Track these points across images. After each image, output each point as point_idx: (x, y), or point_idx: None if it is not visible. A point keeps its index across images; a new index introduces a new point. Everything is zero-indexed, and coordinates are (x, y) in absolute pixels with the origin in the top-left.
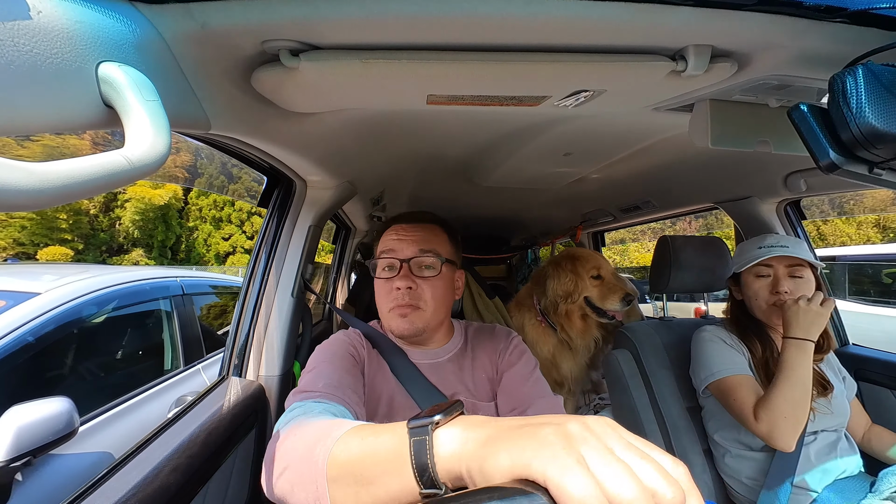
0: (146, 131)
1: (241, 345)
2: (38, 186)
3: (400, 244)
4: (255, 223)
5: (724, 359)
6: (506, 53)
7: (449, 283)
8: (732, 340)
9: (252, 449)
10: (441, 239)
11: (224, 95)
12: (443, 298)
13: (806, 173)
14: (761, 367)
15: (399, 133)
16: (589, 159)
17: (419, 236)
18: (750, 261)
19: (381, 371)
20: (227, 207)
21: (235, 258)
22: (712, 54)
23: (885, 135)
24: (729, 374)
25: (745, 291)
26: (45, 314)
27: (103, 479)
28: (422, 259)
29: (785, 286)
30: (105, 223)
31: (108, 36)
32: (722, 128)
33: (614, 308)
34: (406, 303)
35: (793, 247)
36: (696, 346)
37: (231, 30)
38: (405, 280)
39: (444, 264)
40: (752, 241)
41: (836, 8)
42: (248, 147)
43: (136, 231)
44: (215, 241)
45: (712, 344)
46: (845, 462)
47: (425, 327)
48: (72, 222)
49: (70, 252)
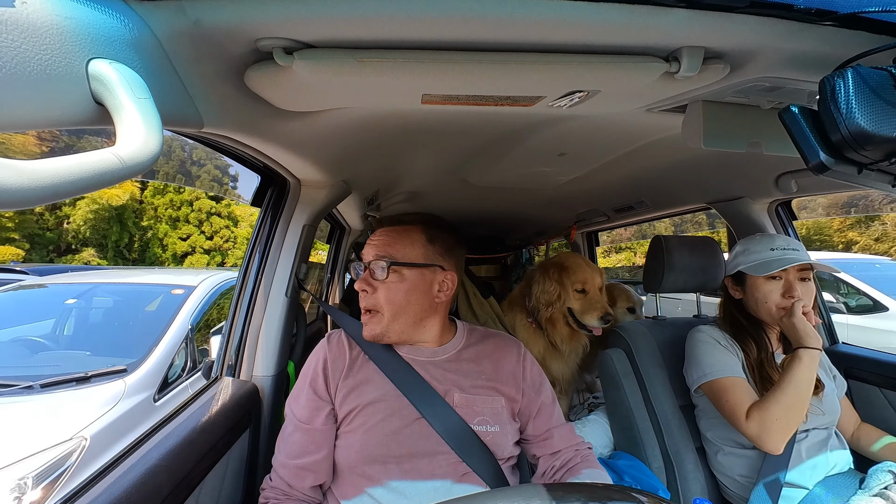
0: (138, 129)
1: (235, 345)
2: (27, 185)
3: (367, 248)
4: (214, 223)
5: (717, 360)
6: (501, 54)
7: (413, 285)
8: (726, 341)
9: (246, 450)
10: (410, 240)
11: (217, 94)
12: (403, 302)
13: (797, 174)
14: (755, 369)
15: (393, 133)
16: (583, 160)
17: (382, 241)
18: (766, 266)
19: (367, 369)
20: (185, 207)
21: (194, 259)
22: (705, 56)
23: (874, 136)
24: (721, 376)
25: (752, 293)
26: (204, 295)
27: (95, 480)
28: (376, 262)
29: (798, 291)
30: (51, 222)
31: (98, 32)
32: (714, 129)
33: (592, 324)
34: (365, 306)
35: (801, 250)
36: (690, 345)
37: (224, 28)
38: (361, 283)
39: (391, 267)
40: (757, 241)
41: (826, 11)
42: (242, 146)
43: (88, 230)
44: (172, 241)
45: (706, 345)
46: (835, 458)
47: (384, 331)
48: (17, 221)
49: (20, 252)
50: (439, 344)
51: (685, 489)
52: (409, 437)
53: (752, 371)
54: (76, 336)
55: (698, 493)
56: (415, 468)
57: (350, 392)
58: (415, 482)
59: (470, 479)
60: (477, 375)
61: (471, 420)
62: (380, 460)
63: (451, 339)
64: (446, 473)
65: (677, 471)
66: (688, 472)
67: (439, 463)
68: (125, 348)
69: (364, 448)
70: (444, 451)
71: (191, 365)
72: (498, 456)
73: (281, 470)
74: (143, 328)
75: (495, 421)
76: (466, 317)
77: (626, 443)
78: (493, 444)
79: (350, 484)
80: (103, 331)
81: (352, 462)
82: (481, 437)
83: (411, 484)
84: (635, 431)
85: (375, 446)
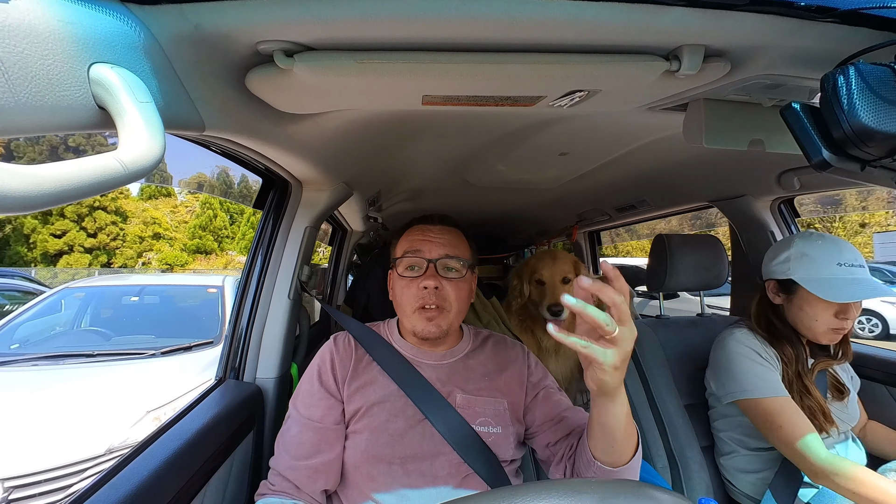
0: (140, 133)
1: (238, 347)
2: (30, 189)
3: (427, 245)
4: (98, 218)
5: (758, 376)
6: (501, 54)
7: (471, 286)
8: (764, 350)
9: (250, 452)
10: (464, 243)
11: (218, 97)
12: (466, 301)
13: (799, 171)
14: (794, 379)
15: (394, 134)
16: (584, 159)
17: (446, 239)
18: (834, 291)
19: (372, 370)
20: None
21: (72, 258)
22: (706, 54)
23: (876, 133)
24: (767, 396)
25: (802, 305)
26: (232, 291)
27: (100, 483)
28: (448, 261)
29: (854, 314)
30: None
31: (100, 37)
32: (716, 127)
33: (543, 315)
34: (433, 303)
35: (866, 267)
36: (723, 354)
37: (225, 31)
38: (431, 279)
39: (468, 268)
40: (820, 247)
41: (827, 8)
42: (243, 148)
43: None
44: (42, 238)
45: (744, 358)
46: (852, 457)
47: (449, 328)
48: None
49: None
50: (448, 347)
51: (690, 489)
52: (414, 438)
53: (790, 382)
54: (141, 324)
55: (703, 493)
56: (417, 469)
57: (356, 392)
58: (417, 483)
59: (472, 480)
60: (480, 378)
61: (472, 420)
62: (385, 460)
63: (458, 342)
64: (449, 475)
65: (682, 471)
66: (693, 472)
67: (442, 464)
68: (187, 332)
69: (369, 448)
70: (446, 452)
71: None
72: (500, 458)
73: (289, 473)
74: (198, 316)
75: (497, 422)
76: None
77: None
78: (494, 446)
79: (353, 485)
80: (159, 320)
81: (357, 462)
82: (483, 437)
83: (414, 485)
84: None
85: (381, 446)
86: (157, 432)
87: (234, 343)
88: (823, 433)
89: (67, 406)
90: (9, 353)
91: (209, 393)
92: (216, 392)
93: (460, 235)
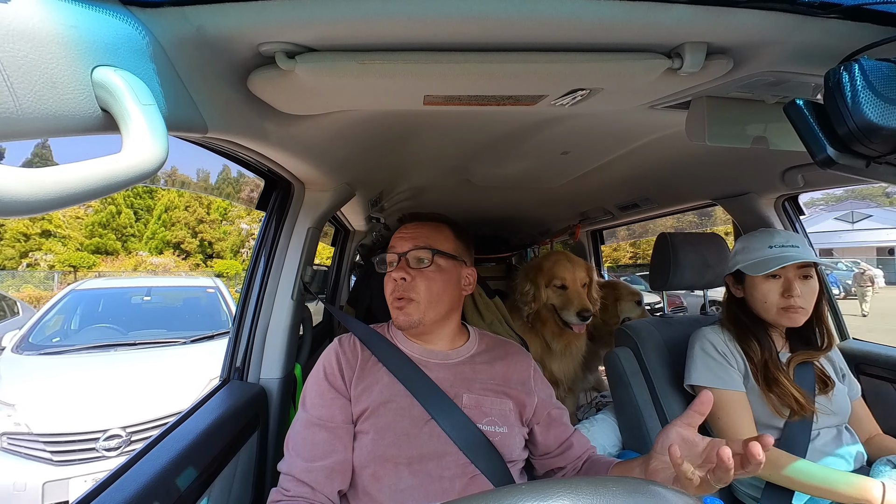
0: (143, 136)
1: (242, 348)
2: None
3: (400, 241)
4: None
5: (709, 367)
6: (502, 53)
7: (449, 276)
8: (727, 347)
9: (254, 453)
10: (443, 235)
11: (220, 98)
12: (440, 291)
13: (803, 169)
14: (760, 371)
15: (396, 134)
16: (587, 158)
17: (418, 233)
18: (763, 265)
19: (377, 371)
20: None
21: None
22: (708, 51)
23: (881, 129)
24: (713, 387)
25: (752, 292)
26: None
27: (107, 483)
28: (417, 253)
29: (797, 290)
30: None
31: (102, 40)
32: (719, 125)
33: (571, 320)
34: (401, 294)
35: (802, 247)
36: (689, 345)
37: (226, 33)
38: (400, 272)
39: (435, 255)
40: (756, 238)
41: (830, 3)
42: (245, 150)
43: None
44: None
45: (700, 350)
46: (848, 455)
47: (421, 319)
48: None
49: None
50: (452, 347)
51: None
52: (420, 438)
53: (757, 374)
54: (152, 320)
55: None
56: (424, 469)
57: (362, 393)
58: (424, 483)
59: (479, 480)
60: (487, 379)
61: (479, 420)
62: (391, 461)
63: (464, 343)
64: (455, 475)
65: None
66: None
67: (448, 464)
68: (193, 325)
69: (376, 448)
70: (452, 453)
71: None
72: (506, 457)
73: (304, 475)
74: (203, 312)
75: (503, 422)
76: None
77: (634, 441)
78: (501, 445)
79: (360, 485)
80: (168, 316)
81: (363, 462)
82: (489, 437)
83: (421, 485)
84: (644, 430)
85: (387, 447)
86: (162, 433)
87: (237, 344)
88: (803, 419)
89: (147, 379)
90: (66, 344)
91: (214, 393)
92: (221, 393)
93: (440, 228)
